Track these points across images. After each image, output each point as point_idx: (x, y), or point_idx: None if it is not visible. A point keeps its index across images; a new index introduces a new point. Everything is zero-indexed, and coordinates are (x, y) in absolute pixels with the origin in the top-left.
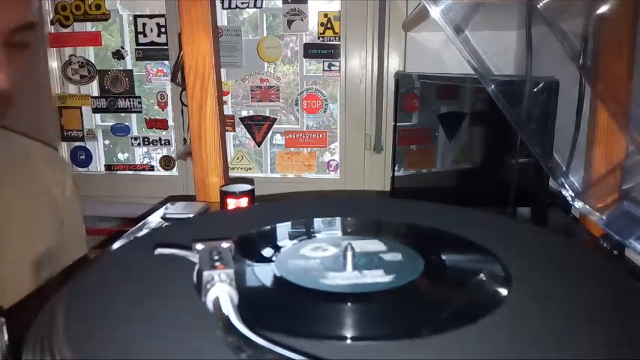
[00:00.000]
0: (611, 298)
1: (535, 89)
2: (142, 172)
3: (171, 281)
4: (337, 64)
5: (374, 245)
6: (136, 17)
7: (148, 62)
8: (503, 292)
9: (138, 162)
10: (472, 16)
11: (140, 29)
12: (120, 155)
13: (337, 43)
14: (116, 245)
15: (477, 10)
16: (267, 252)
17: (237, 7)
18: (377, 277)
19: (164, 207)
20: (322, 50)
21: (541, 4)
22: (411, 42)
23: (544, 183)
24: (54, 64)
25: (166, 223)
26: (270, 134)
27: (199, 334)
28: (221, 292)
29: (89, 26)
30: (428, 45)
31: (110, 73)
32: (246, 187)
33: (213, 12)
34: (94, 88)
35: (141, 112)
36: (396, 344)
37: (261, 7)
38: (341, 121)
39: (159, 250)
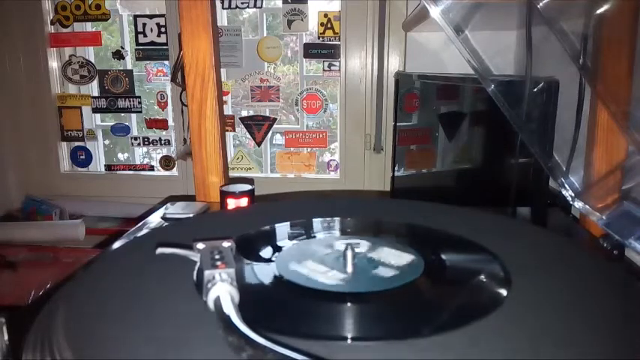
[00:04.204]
0: (611, 298)
1: (535, 89)
2: (142, 172)
3: (171, 281)
4: (337, 64)
5: (391, 254)
6: (136, 17)
7: (147, 62)
8: (502, 292)
9: (138, 162)
10: (472, 16)
11: (140, 29)
12: (120, 155)
13: (337, 43)
14: (116, 245)
15: (477, 10)
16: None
17: (237, 7)
18: (333, 278)
19: (164, 207)
20: (322, 50)
21: (541, 4)
22: (411, 42)
23: (544, 183)
24: (54, 64)
25: (166, 223)
26: (270, 134)
27: (200, 334)
28: (222, 292)
29: (89, 26)
30: (428, 45)
31: (110, 73)
32: (246, 187)
33: (213, 12)
34: (94, 88)
35: (141, 112)
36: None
37: (261, 7)
38: (341, 121)
39: (160, 250)
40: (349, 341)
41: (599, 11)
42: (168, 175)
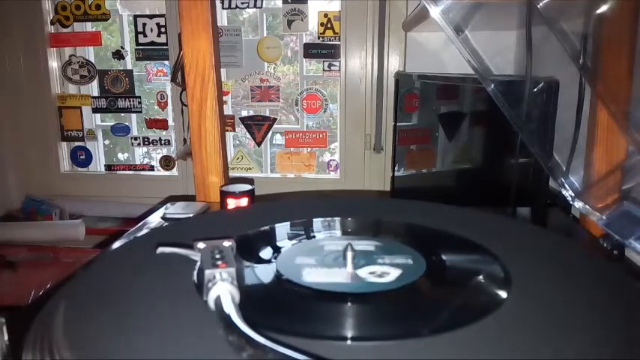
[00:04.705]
0: (611, 298)
1: (535, 89)
2: (142, 172)
3: (172, 280)
4: (337, 64)
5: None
6: (136, 17)
7: (147, 62)
8: (502, 293)
9: (138, 162)
10: (472, 16)
11: (140, 29)
12: (120, 155)
13: (337, 43)
14: (116, 245)
15: (477, 10)
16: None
17: (237, 7)
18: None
19: (164, 207)
20: (322, 50)
21: (541, 4)
22: (411, 42)
23: (544, 183)
24: (54, 64)
25: (166, 223)
26: (270, 134)
27: (200, 334)
28: (222, 291)
29: (89, 26)
30: (428, 45)
31: (110, 73)
32: (246, 187)
33: (213, 12)
34: (94, 88)
35: (141, 112)
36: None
37: (261, 7)
38: (341, 121)
39: (161, 249)
40: (349, 341)
41: (599, 11)
42: (169, 175)
